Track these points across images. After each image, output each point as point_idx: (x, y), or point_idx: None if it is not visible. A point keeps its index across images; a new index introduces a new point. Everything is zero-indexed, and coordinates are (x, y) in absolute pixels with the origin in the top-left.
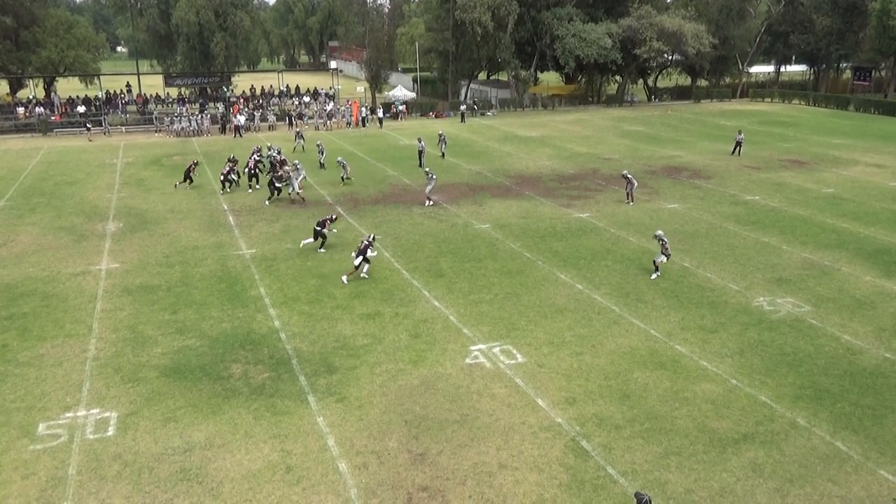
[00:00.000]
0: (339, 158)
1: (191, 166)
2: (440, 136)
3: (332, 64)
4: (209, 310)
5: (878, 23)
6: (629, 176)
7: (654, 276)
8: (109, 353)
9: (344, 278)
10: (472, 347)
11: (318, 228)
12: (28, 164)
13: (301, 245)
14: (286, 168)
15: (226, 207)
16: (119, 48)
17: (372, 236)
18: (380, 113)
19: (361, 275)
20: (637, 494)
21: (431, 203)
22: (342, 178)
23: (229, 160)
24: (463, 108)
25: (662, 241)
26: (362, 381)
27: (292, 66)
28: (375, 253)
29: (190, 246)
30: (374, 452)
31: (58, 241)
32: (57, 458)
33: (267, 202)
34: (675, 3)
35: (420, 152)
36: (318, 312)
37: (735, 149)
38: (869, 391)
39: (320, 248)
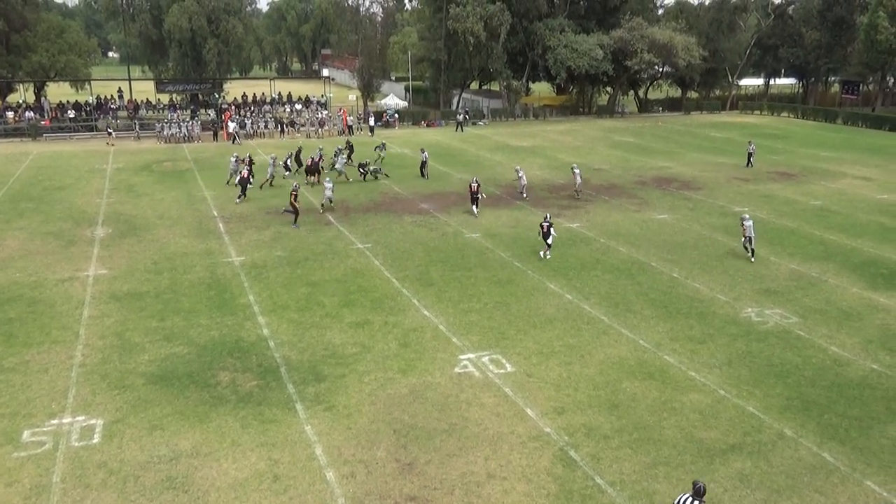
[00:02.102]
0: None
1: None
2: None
3: (325, 72)
4: (197, 317)
5: (866, 37)
6: (576, 171)
7: (752, 259)
8: (96, 359)
9: (541, 253)
10: (462, 356)
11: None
12: (17, 169)
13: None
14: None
15: (216, 214)
16: (111, 53)
17: (549, 216)
18: (371, 121)
19: (548, 255)
20: (695, 483)
21: (526, 197)
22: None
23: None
24: (459, 117)
25: (743, 223)
26: (351, 389)
27: (284, 73)
28: (556, 233)
29: (179, 252)
30: (361, 461)
31: (45, 246)
32: (41, 465)
33: (238, 200)
34: (666, 16)
35: (423, 163)
36: (308, 320)
37: (748, 161)
38: (856, 402)
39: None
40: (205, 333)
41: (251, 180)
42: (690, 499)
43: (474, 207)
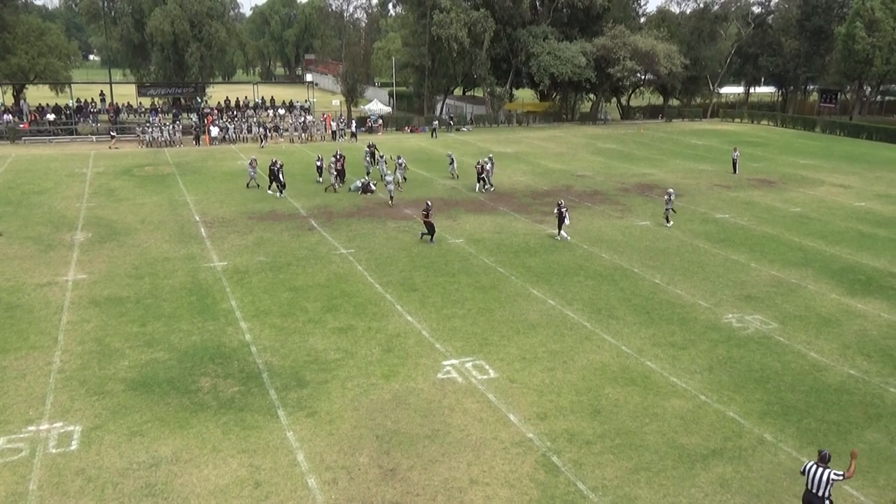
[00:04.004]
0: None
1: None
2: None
3: (308, 77)
4: (178, 322)
5: (844, 47)
6: (491, 161)
7: (669, 223)
8: (75, 365)
9: (566, 236)
10: (445, 362)
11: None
12: None
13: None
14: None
15: (198, 219)
16: (91, 56)
17: (563, 202)
18: (353, 127)
19: (566, 236)
20: (820, 451)
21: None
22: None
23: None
24: (434, 123)
25: (671, 197)
26: (333, 395)
27: (268, 78)
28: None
29: (160, 257)
30: (344, 468)
31: (24, 250)
32: (17, 472)
33: (279, 194)
34: (648, 24)
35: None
36: (290, 326)
37: (734, 167)
38: (834, 407)
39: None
40: (186, 339)
41: (281, 178)
42: (815, 465)
43: (479, 185)
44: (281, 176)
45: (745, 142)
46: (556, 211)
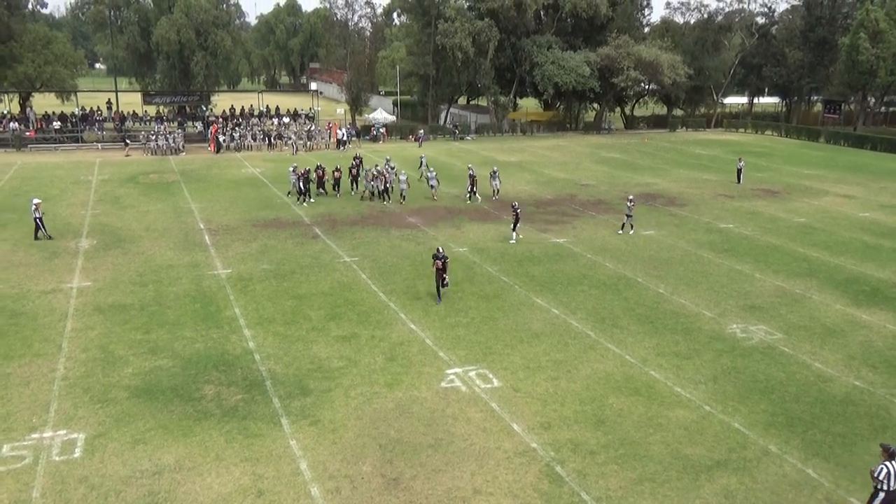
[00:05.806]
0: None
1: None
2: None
3: (313, 85)
4: (182, 330)
5: (848, 58)
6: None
7: (623, 231)
8: (79, 372)
9: (518, 237)
10: (448, 371)
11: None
12: (0, 180)
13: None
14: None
15: (202, 227)
16: (98, 65)
17: (517, 203)
18: (344, 136)
19: (520, 237)
20: (887, 447)
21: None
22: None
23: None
24: (420, 132)
25: (630, 203)
26: (337, 403)
27: (273, 86)
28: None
29: (164, 265)
30: (347, 477)
31: (29, 257)
32: (21, 480)
33: (298, 199)
34: (652, 34)
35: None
36: (294, 334)
37: (738, 177)
38: (839, 419)
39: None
40: (190, 346)
41: (306, 187)
42: (887, 463)
43: (472, 196)
44: (300, 183)
45: (749, 152)
46: (513, 212)
